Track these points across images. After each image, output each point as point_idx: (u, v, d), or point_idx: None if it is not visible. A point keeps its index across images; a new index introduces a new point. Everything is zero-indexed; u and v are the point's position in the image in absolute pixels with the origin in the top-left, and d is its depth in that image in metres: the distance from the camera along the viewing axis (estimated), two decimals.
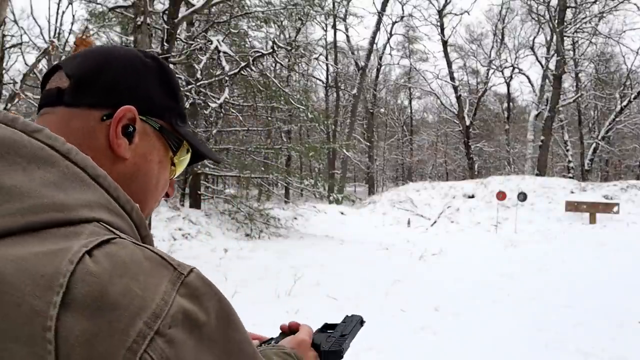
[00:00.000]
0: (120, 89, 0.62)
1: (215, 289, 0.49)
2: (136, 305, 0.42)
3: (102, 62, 0.63)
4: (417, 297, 6.25)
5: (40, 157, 0.49)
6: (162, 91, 0.66)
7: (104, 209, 0.51)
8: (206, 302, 0.47)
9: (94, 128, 0.59)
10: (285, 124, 14.79)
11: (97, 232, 0.47)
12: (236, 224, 11.32)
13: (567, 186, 16.54)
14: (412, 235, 13.07)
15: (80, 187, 0.50)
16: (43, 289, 0.41)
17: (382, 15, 27.26)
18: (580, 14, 23.24)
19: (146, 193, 0.65)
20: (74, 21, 22.96)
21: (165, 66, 0.69)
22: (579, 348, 4.55)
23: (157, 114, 0.65)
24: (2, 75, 7.55)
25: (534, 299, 6.29)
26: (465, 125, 28.31)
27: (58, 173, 0.49)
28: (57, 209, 0.47)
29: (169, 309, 0.43)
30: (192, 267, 0.49)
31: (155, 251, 0.48)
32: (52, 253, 0.43)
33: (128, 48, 0.68)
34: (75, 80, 0.61)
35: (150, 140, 0.64)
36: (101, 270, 0.43)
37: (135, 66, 0.64)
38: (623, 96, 24.12)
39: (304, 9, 13.27)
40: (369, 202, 19.60)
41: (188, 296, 0.46)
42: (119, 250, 0.45)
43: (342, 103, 30.34)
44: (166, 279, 0.46)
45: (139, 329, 0.41)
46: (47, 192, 0.47)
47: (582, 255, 9.14)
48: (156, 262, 0.47)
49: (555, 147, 29.46)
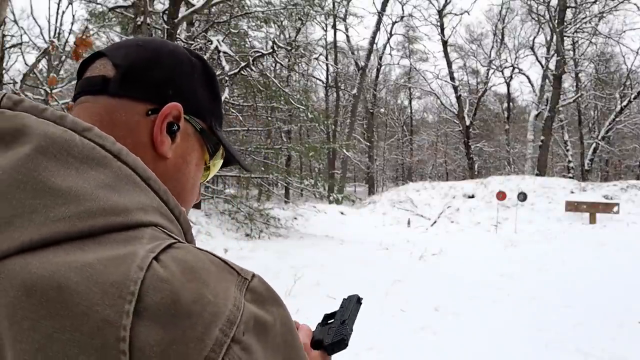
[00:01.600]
0: (169, 85, 0.60)
1: (276, 294, 0.49)
2: (210, 312, 0.41)
3: (153, 56, 0.61)
4: (417, 297, 6.25)
5: (93, 157, 0.47)
6: (206, 92, 0.65)
7: (158, 212, 0.49)
8: (270, 307, 0.46)
9: (138, 122, 0.57)
10: (285, 124, 14.79)
11: (157, 236, 0.45)
12: (236, 224, 11.32)
13: (567, 186, 16.54)
14: (412, 235, 13.06)
15: (133, 189, 0.48)
16: (113, 297, 0.39)
17: (382, 15, 27.26)
18: (580, 14, 23.24)
19: (183, 195, 0.63)
20: (74, 21, 22.99)
21: (210, 68, 0.67)
22: (579, 348, 4.55)
23: (200, 115, 0.63)
24: (2, 75, 7.56)
25: (534, 299, 6.29)
26: (465, 125, 28.30)
27: (111, 174, 0.47)
28: (114, 212, 0.44)
29: (242, 315, 0.43)
30: (254, 272, 0.48)
31: (217, 255, 0.47)
32: (118, 258, 0.41)
33: (176, 45, 0.66)
34: (124, 71, 0.59)
35: (190, 141, 0.62)
36: (171, 276, 0.41)
37: (184, 65, 0.63)
38: (623, 96, 24.11)
39: (304, 9, 13.27)
40: (369, 202, 19.60)
41: (255, 301, 0.45)
42: (185, 254, 0.44)
43: (342, 103, 30.34)
44: (232, 283, 0.44)
45: (215, 337, 0.40)
46: (102, 194, 0.45)
47: (582, 255, 9.13)
48: (221, 266, 0.46)
49: (555, 147, 29.46)
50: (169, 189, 0.58)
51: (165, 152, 0.58)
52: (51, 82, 6.55)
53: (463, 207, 16.28)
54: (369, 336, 4.59)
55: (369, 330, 4.80)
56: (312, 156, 13.55)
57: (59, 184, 0.44)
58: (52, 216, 0.42)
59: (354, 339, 0.88)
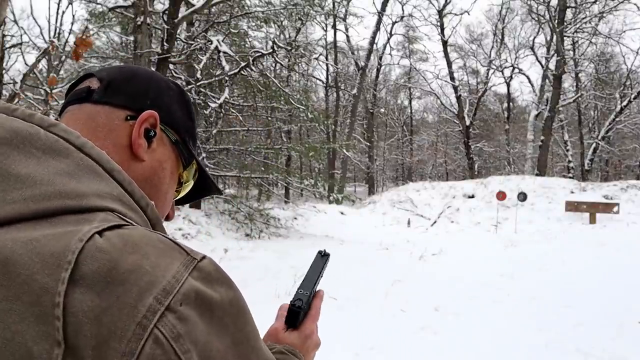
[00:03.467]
0: (146, 96, 0.66)
1: (228, 277, 0.49)
2: (146, 280, 0.42)
3: (133, 73, 0.68)
4: (417, 297, 6.25)
5: (55, 148, 0.50)
6: (181, 111, 0.70)
7: (118, 201, 0.51)
8: (219, 287, 0.47)
9: (117, 126, 0.62)
10: (285, 124, 14.79)
11: (110, 219, 0.47)
12: (236, 224, 11.32)
13: (567, 186, 16.54)
14: (412, 235, 13.06)
15: (94, 178, 0.50)
16: (52, 266, 0.41)
17: (382, 15, 27.26)
18: (580, 14, 23.24)
19: (157, 200, 0.66)
20: (74, 21, 22.99)
21: (185, 93, 0.74)
22: (579, 348, 4.55)
23: (175, 128, 0.68)
24: (2, 75, 7.55)
25: (534, 299, 6.29)
26: (465, 125, 28.31)
27: (72, 164, 0.50)
28: (69, 196, 0.47)
29: (181, 286, 0.43)
30: (205, 255, 0.49)
31: (170, 238, 0.48)
32: (62, 234, 0.43)
33: (154, 72, 0.73)
34: (107, 83, 0.65)
35: (166, 150, 0.67)
36: (111, 247, 0.43)
37: (160, 82, 0.70)
38: (623, 96, 24.11)
39: (304, 9, 13.27)
40: (369, 202, 19.60)
41: (201, 279, 0.45)
42: (132, 232, 0.46)
43: (342, 103, 30.34)
44: (178, 261, 0.45)
45: (149, 304, 0.41)
46: (60, 180, 0.48)
47: (582, 255, 9.13)
48: (170, 246, 0.47)
49: (555, 147, 29.46)
50: (144, 189, 0.60)
51: (141, 155, 0.62)
52: (51, 82, 6.54)
53: (463, 207, 16.28)
54: (369, 336, 4.59)
55: (369, 330, 4.80)
56: (312, 156, 13.55)
57: (18, 171, 0.47)
58: (9, 199, 0.45)
59: (354, 339, 0.85)
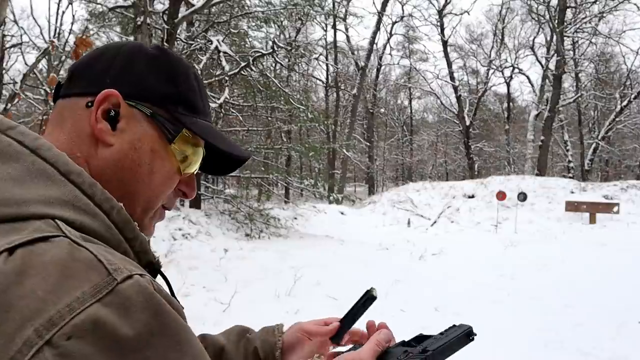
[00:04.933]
0: (106, 75, 0.60)
1: (157, 302, 0.42)
2: (31, 308, 0.37)
3: (98, 53, 0.63)
4: (417, 297, 6.25)
5: (6, 152, 0.49)
6: (158, 78, 0.62)
7: (69, 206, 0.48)
8: (136, 314, 0.40)
9: (80, 116, 0.58)
10: (285, 124, 14.78)
11: (43, 229, 0.44)
12: (236, 224, 11.32)
13: (567, 186, 16.54)
14: (412, 235, 13.06)
15: (43, 183, 0.48)
16: None
17: (382, 15, 27.24)
18: (580, 14, 23.25)
19: (137, 183, 0.60)
20: (74, 21, 22.95)
21: (169, 53, 0.65)
22: (579, 348, 4.55)
23: (149, 100, 0.61)
24: (2, 75, 7.56)
25: (534, 299, 6.29)
26: (465, 125, 28.31)
27: (21, 168, 0.48)
28: (7, 203, 0.45)
29: (74, 317, 0.38)
30: (139, 273, 0.43)
31: (96, 253, 0.43)
32: None
33: (136, 42, 0.66)
34: (70, 73, 0.62)
35: (140, 127, 0.60)
36: (10, 270, 0.39)
37: (129, 54, 0.62)
38: (623, 96, 24.12)
39: (304, 9, 13.26)
40: (369, 202, 19.59)
41: (113, 305, 0.39)
42: (47, 249, 0.42)
43: (342, 103, 30.33)
44: (89, 284, 0.40)
45: (26, 337, 0.37)
46: (3, 186, 0.46)
47: (582, 255, 9.13)
48: (88, 264, 0.42)
49: (555, 147, 29.46)
50: (120, 175, 0.58)
51: (104, 139, 0.57)
52: (51, 82, 6.54)
53: (463, 207, 16.27)
54: None
55: None
56: (312, 156, 13.55)
57: None
58: None
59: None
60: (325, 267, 7.82)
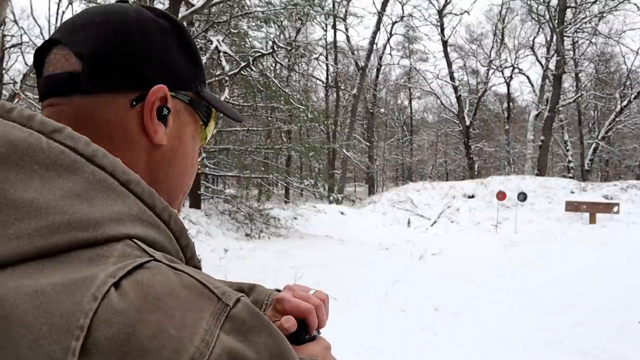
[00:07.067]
0: (146, 64, 0.52)
1: (266, 321, 0.42)
2: (170, 348, 0.36)
3: (119, 33, 0.52)
4: (417, 297, 6.25)
5: (61, 163, 0.42)
6: (184, 57, 0.57)
7: (137, 220, 0.43)
8: (254, 337, 0.40)
9: (123, 117, 0.51)
10: (285, 124, 14.78)
11: (129, 253, 0.40)
12: (236, 224, 11.32)
13: (567, 186, 16.54)
14: (412, 235, 13.06)
15: (108, 196, 0.42)
16: (60, 331, 0.34)
17: (382, 15, 27.24)
18: (580, 14, 23.25)
19: (184, 176, 0.58)
20: None
21: (180, 25, 0.58)
22: (579, 348, 4.55)
23: (185, 87, 0.57)
24: (2, 75, 7.56)
25: (534, 299, 6.29)
26: (465, 125, 28.32)
27: (82, 181, 0.42)
28: (81, 226, 0.39)
29: (212, 351, 0.37)
30: (240, 296, 0.42)
31: (196, 276, 0.41)
32: (74, 284, 0.36)
33: (139, 9, 0.56)
34: (91, 62, 0.51)
35: (182, 118, 0.56)
36: (128, 307, 0.36)
37: (154, 34, 0.54)
38: (623, 96, 24.13)
39: (304, 9, 13.26)
40: (369, 202, 19.59)
41: (233, 332, 0.39)
42: (151, 277, 0.39)
43: (342, 103, 30.33)
44: (208, 312, 0.39)
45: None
46: (69, 205, 0.40)
47: (582, 255, 9.13)
48: (197, 291, 0.40)
49: (555, 147, 29.47)
50: (169, 172, 0.55)
51: (160, 141, 0.53)
52: None
53: (463, 207, 16.27)
54: (368, 336, 4.59)
55: (369, 330, 4.80)
56: (312, 156, 13.55)
57: (19, 196, 0.39)
58: (11, 233, 0.38)
59: (354, 339, 0.81)
60: (325, 267, 7.82)
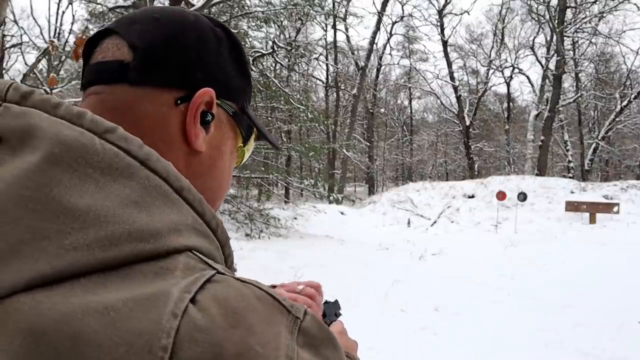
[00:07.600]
0: (197, 67, 0.51)
1: (331, 334, 0.42)
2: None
3: (175, 32, 0.51)
4: (417, 297, 6.24)
5: (116, 167, 0.39)
6: (235, 69, 0.56)
7: (192, 230, 0.41)
8: (324, 351, 0.40)
9: (165, 114, 0.49)
10: (285, 124, 14.79)
11: (193, 266, 0.38)
12: (236, 224, 11.32)
13: (567, 186, 16.54)
14: (412, 235, 13.06)
15: (164, 204, 0.40)
16: (141, 352, 0.31)
17: (382, 15, 27.24)
18: (580, 14, 23.26)
19: (220, 190, 0.56)
20: (74, 21, 22.89)
21: (235, 37, 0.57)
22: (579, 348, 4.55)
23: (231, 97, 0.55)
24: (2, 75, 7.57)
25: (534, 299, 6.29)
26: (465, 125, 28.32)
27: (138, 187, 0.39)
28: (142, 237, 0.37)
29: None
30: (305, 308, 0.41)
31: (262, 288, 0.40)
32: (147, 300, 0.34)
33: (197, 14, 0.55)
34: (144, 53, 0.49)
35: (224, 129, 0.54)
36: (211, 324, 0.34)
37: (210, 40, 0.53)
38: (623, 96, 24.13)
39: (304, 9, 13.26)
40: (369, 202, 19.59)
41: (307, 346, 0.38)
42: (226, 291, 0.37)
43: (342, 103, 30.34)
44: (283, 326, 0.38)
45: None
46: (127, 214, 0.37)
47: (582, 255, 9.13)
48: (269, 304, 0.39)
49: (555, 147, 29.48)
50: (206, 184, 0.52)
51: (200, 146, 0.50)
52: (51, 82, 6.54)
53: (463, 207, 16.27)
54: (368, 336, 4.59)
55: (369, 330, 4.80)
56: (312, 156, 13.55)
57: (75, 203, 0.36)
58: (68, 244, 0.34)
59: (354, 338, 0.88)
60: (325, 267, 7.82)
